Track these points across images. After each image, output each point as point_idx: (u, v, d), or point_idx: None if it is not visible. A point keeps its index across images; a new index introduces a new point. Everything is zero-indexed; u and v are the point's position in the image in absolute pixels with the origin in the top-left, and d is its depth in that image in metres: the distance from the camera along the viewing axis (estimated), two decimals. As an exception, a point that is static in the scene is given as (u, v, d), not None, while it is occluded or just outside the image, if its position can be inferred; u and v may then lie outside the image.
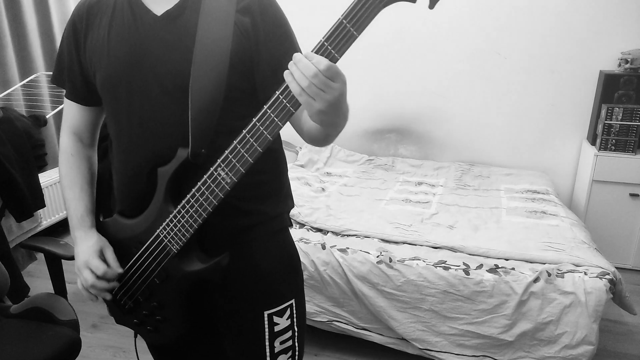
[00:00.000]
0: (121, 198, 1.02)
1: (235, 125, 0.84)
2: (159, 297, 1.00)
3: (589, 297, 1.77)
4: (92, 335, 2.27)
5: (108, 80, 0.93)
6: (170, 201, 0.92)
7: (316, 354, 2.14)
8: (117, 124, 0.97)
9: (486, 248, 2.00)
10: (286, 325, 1.04)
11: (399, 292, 1.93)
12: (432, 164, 3.29)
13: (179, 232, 0.91)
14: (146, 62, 0.90)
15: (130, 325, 1.09)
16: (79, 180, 1.06)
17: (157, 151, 0.91)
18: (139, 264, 0.99)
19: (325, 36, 0.72)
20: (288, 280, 1.07)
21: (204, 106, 0.87)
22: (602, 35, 2.94)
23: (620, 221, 2.82)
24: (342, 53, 0.72)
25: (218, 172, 0.84)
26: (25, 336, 1.44)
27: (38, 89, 3.08)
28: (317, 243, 2.07)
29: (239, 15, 0.89)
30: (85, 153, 1.09)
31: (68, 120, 1.08)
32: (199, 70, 0.87)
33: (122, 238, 1.01)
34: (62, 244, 1.62)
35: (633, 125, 2.73)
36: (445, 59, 3.26)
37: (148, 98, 0.91)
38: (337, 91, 0.73)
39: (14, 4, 2.90)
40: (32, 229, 2.83)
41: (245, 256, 1.00)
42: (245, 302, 1.02)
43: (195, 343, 1.18)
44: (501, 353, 1.88)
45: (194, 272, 0.94)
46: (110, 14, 0.93)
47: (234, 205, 0.94)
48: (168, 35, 0.89)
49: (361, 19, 0.71)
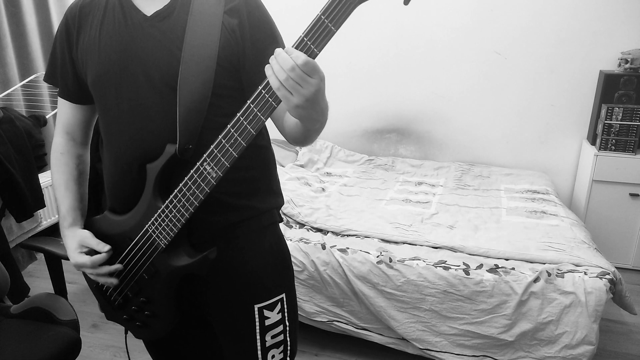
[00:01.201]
0: (111, 195, 1.03)
1: (221, 121, 0.86)
2: (147, 292, 1.02)
3: (589, 297, 1.77)
4: (92, 335, 2.27)
5: (98, 78, 0.96)
6: (159, 196, 0.93)
7: (316, 354, 2.14)
8: (107, 122, 0.99)
9: (486, 248, 2.01)
10: (277, 320, 1.06)
11: (399, 292, 1.93)
12: (432, 164, 3.29)
13: (167, 227, 0.92)
14: (136, 61, 0.92)
15: (120, 321, 1.11)
16: (65, 178, 1.08)
17: (145, 148, 0.93)
18: (128, 260, 1.01)
19: (305, 32, 0.74)
20: (278, 274, 1.08)
21: (191, 104, 0.90)
22: (602, 35, 2.94)
23: (620, 221, 2.82)
24: (321, 48, 0.74)
25: (204, 166, 0.86)
26: (25, 336, 1.44)
27: (38, 89, 3.08)
28: (317, 243, 2.07)
29: (226, 16, 0.92)
30: (75, 151, 1.11)
31: (61, 119, 1.10)
32: (188, 69, 0.90)
33: (112, 234, 1.02)
34: (62, 244, 1.61)
35: (633, 125, 2.73)
36: (445, 59, 3.26)
37: (137, 96, 0.93)
38: (314, 86, 0.74)
39: (14, 4, 2.90)
40: (32, 229, 2.83)
41: (235, 251, 1.02)
42: (235, 296, 1.04)
43: (191, 339, 1.19)
44: (501, 353, 1.88)
45: (181, 266, 0.95)
46: (102, 14, 0.96)
47: (224, 201, 0.96)
48: (157, 35, 0.92)
49: (338, 15, 0.73)
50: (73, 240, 1.03)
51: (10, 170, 2.45)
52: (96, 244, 1.01)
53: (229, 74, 0.93)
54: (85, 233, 1.03)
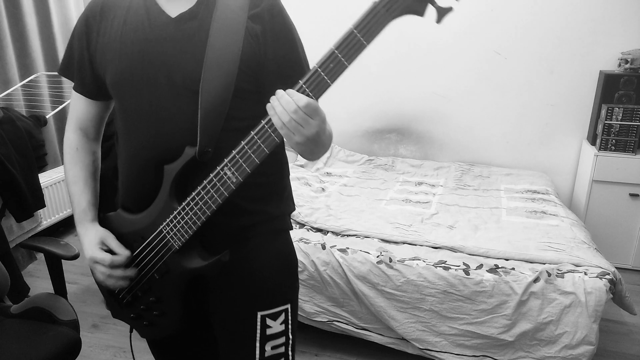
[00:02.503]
0: (126, 193, 1.03)
1: (239, 125, 0.88)
2: (157, 292, 1.02)
3: (589, 297, 1.77)
4: (92, 335, 2.27)
5: (119, 78, 0.95)
6: (174, 197, 0.93)
7: (316, 354, 2.14)
8: (126, 121, 0.98)
9: (486, 248, 2.01)
10: (279, 330, 1.04)
11: (399, 292, 1.93)
12: (432, 164, 3.29)
13: (182, 229, 0.93)
14: (158, 62, 0.92)
15: (127, 320, 1.10)
16: (83, 174, 1.07)
17: (163, 149, 0.93)
18: (140, 259, 1.00)
19: (336, 44, 0.77)
20: (285, 283, 1.07)
21: (212, 107, 0.90)
22: (602, 35, 2.94)
23: (620, 221, 2.82)
24: (351, 61, 0.77)
25: (224, 171, 0.87)
26: (25, 336, 1.43)
27: (38, 89, 3.08)
28: (317, 243, 2.07)
29: (250, 22, 0.92)
30: (89, 147, 1.10)
31: (74, 114, 1.09)
32: (210, 72, 0.90)
33: (124, 233, 1.02)
34: (62, 244, 1.62)
35: (633, 125, 2.73)
36: (445, 59, 3.26)
37: (157, 97, 0.93)
38: (315, 128, 0.79)
39: (14, 4, 2.90)
40: (32, 229, 2.83)
41: (245, 254, 1.01)
42: (239, 301, 1.03)
43: (193, 339, 1.19)
44: (501, 353, 1.88)
45: (194, 268, 0.95)
46: (125, 13, 0.95)
47: (238, 204, 0.96)
48: (181, 37, 0.92)
49: (371, 29, 0.76)
50: (95, 235, 1.02)
51: (11, 170, 2.46)
52: (117, 246, 1.01)
53: (249, 78, 0.93)
54: (108, 232, 1.03)
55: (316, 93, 0.80)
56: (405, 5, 0.76)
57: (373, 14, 0.76)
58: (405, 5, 0.76)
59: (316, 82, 0.79)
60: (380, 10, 0.76)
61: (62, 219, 3.11)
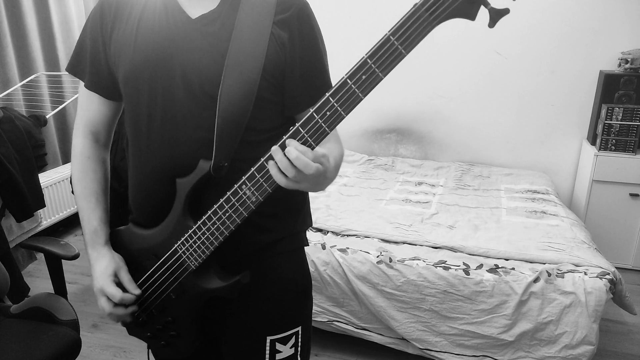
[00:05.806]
0: (136, 206, 0.97)
1: (257, 138, 0.83)
2: (173, 311, 0.97)
3: (589, 297, 1.77)
4: (92, 335, 2.27)
5: (131, 75, 0.89)
6: (189, 215, 0.87)
7: (316, 354, 2.14)
8: (136, 124, 0.92)
9: (486, 248, 2.01)
10: (289, 355, 0.99)
11: (399, 292, 1.93)
12: (432, 164, 3.29)
13: (199, 249, 0.87)
14: (174, 63, 0.86)
15: (143, 338, 1.05)
16: (95, 188, 1.00)
17: (175, 159, 0.87)
18: (155, 278, 0.95)
19: (369, 53, 0.68)
20: (298, 304, 1.02)
21: (231, 117, 0.83)
22: (602, 35, 2.94)
23: (620, 221, 2.82)
24: (387, 72, 0.68)
25: (243, 190, 0.80)
26: (25, 336, 1.43)
27: (38, 89, 3.08)
28: (317, 243, 2.07)
29: (276, 27, 0.86)
30: (100, 155, 1.03)
31: (85, 115, 1.00)
32: (230, 78, 0.83)
33: (135, 249, 0.97)
34: (62, 244, 1.62)
35: (633, 125, 2.73)
36: (445, 59, 3.26)
37: (172, 100, 0.86)
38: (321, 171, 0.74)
39: (14, 4, 2.90)
40: (32, 229, 2.83)
41: (261, 275, 0.96)
42: (250, 324, 0.98)
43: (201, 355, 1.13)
44: (501, 353, 1.88)
45: (212, 289, 0.90)
46: (141, 9, 0.90)
47: (255, 222, 0.89)
48: (201, 39, 0.86)
49: (411, 36, 0.65)
50: (109, 265, 0.95)
51: (11, 170, 2.46)
52: (128, 282, 0.95)
53: (272, 87, 0.87)
54: (122, 263, 0.97)
55: (345, 109, 0.71)
56: (454, 7, 0.64)
57: (414, 18, 0.65)
58: (454, 7, 0.64)
59: (345, 96, 0.70)
60: (423, 14, 0.65)
61: (62, 219, 3.11)
